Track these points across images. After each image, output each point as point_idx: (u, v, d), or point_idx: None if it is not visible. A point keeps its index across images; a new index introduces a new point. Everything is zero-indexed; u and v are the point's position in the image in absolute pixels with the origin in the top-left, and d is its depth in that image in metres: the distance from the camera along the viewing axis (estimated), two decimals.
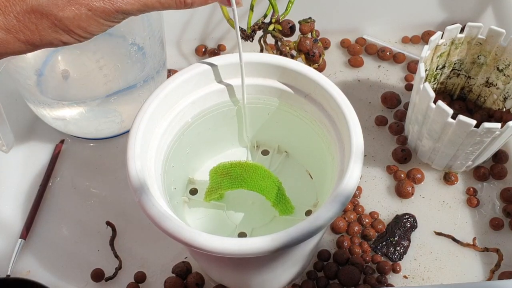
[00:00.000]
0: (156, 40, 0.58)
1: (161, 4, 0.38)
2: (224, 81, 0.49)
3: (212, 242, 0.38)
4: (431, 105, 0.53)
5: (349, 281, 0.54)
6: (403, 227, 0.57)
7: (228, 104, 0.51)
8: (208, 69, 0.47)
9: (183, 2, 0.38)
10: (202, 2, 0.39)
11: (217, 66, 0.47)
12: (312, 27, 0.59)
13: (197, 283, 0.54)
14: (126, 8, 0.36)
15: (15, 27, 0.35)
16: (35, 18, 0.35)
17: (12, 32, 0.36)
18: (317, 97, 0.47)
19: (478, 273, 0.55)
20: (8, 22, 0.35)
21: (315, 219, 0.39)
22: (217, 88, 0.49)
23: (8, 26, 0.35)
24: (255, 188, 0.49)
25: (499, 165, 0.61)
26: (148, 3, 0.37)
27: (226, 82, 0.49)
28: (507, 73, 0.58)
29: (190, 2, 0.38)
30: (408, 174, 0.60)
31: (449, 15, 0.72)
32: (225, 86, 0.49)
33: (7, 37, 0.36)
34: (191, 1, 0.38)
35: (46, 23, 0.36)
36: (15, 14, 0.35)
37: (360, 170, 0.42)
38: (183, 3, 0.38)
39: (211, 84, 0.49)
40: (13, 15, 0.35)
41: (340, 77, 0.69)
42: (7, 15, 0.35)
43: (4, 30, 0.35)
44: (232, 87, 0.49)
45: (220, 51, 0.72)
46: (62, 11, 0.35)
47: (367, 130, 0.64)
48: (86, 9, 0.36)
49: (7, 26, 0.35)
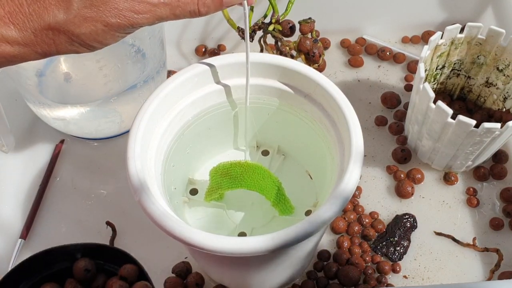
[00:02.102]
0: (156, 40, 0.58)
1: (176, 15, 0.38)
2: (224, 81, 0.49)
3: (212, 241, 0.38)
4: (431, 105, 0.53)
5: (349, 281, 0.54)
6: (403, 227, 0.57)
7: (227, 104, 0.51)
8: (208, 69, 0.47)
9: (197, 12, 0.38)
10: (216, 8, 0.39)
11: (217, 66, 0.48)
12: (312, 27, 0.59)
13: (197, 283, 0.54)
14: (142, 22, 0.37)
15: (32, 41, 0.36)
16: (53, 34, 0.36)
17: (30, 46, 0.37)
18: (317, 97, 0.47)
19: (478, 273, 0.55)
20: (26, 37, 0.36)
21: (315, 219, 0.39)
22: (217, 88, 0.49)
23: (26, 41, 0.36)
24: (255, 187, 0.49)
25: (499, 165, 0.61)
26: (163, 16, 0.37)
27: (226, 82, 0.49)
28: (507, 73, 0.58)
29: (205, 11, 0.38)
30: (408, 174, 0.60)
31: (449, 15, 0.72)
32: (225, 86, 0.49)
33: (25, 50, 0.37)
34: (205, 11, 0.38)
35: (63, 38, 0.36)
36: (32, 30, 0.36)
37: (360, 170, 0.42)
38: (197, 13, 0.38)
39: (211, 84, 0.49)
40: (31, 31, 0.36)
41: (340, 77, 0.69)
42: (25, 31, 0.36)
43: (22, 44, 0.36)
44: (232, 87, 0.49)
45: (220, 51, 0.72)
46: (79, 28, 0.36)
47: (367, 130, 0.64)
48: (102, 25, 0.36)
49: (24, 41, 0.36)
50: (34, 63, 0.56)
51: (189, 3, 0.37)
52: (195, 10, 0.38)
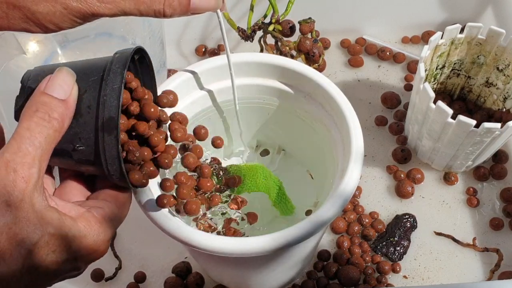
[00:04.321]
0: (156, 40, 0.58)
1: (140, 12, 0.37)
2: (223, 81, 0.49)
3: (212, 241, 0.38)
4: (431, 105, 0.53)
5: (349, 281, 0.54)
6: (403, 227, 0.57)
7: (227, 104, 0.50)
8: (208, 69, 0.47)
9: (162, 12, 0.37)
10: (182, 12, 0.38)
11: (217, 66, 0.47)
12: (312, 27, 0.59)
13: (197, 283, 0.54)
14: (103, 12, 0.36)
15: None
16: (7, 8, 0.35)
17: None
18: (317, 97, 0.47)
19: (478, 273, 0.55)
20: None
21: (315, 219, 0.39)
22: (217, 88, 0.49)
23: None
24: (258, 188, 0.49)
25: (499, 165, 0.61)
26: (127, 9, 0.36)
27: (226, 82, 0.49)
28: (507, 73, 0.58)
29: (170, 13, 0.38)
30: (408, 174, 0.60)
31: (449, 15, 0.72)
32: (225, 86, 0.49)
33: None
34: (170, 12, 0.37)
35: (17, 13, 0.35)
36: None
37: (360, 170, 0.42)
38: (162, 14, 0.37)
39: (211, 84, 0.49)
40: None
41: (340, 77, 0.69)
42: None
43: None
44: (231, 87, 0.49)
45: (220, 51, 0.72)
46: (36, 5, 0.35)
47: (367, 130, 0.64)
48: (62, 7, 0.35)
49: None
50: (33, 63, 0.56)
51: (155, 1, 0.37)
52: (160, 10, 0.37)
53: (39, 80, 0.34)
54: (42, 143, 0.31)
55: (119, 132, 0.34)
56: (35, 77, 0.36)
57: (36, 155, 0.31)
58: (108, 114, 0.34)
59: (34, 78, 0.36)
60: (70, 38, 0.58)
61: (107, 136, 0.34)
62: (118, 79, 0.34)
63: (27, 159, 0.31)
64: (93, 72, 0.35)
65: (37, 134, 0.32)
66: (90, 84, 0.34)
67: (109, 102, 0.34)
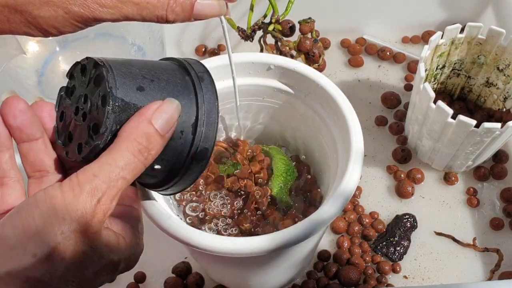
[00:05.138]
0: (156, 40, 0.58)
1: (142, 17, 0.36)
2: (223, 81, 0.49)
3: (212, 241, 0.38)
4: (431, 105, 0.53)
5: (349, 281, 0.54)
6: (403, 227, 0.57)
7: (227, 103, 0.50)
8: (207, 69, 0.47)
9: (164, 18, 0.37)
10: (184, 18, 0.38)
11: (217, 66, 0.47)
12: (312, 27, 0.59)
13: (197, 283, 0.54)
14: (105, 17, 0.36)
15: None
16: (8, 12, 0.35)
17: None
18: (317, 97, 0.47)
19: (478, 273, 0.55)
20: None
21: (315, 219, 0.39)
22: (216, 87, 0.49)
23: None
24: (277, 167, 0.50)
25: (499, 165, 0.61)
26: (129, 14, 0.36)
27: (226, 82, 0.49)
28: (507, 73, 0.58)
29: (172, 19, 0.37)
30: (408, 174, 0.60)
31: (449, 15, 0.72)
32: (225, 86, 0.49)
33: None
34: (173, 18, 0.37)
35: (19, 18, 0.35)
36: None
37: (360, 170, 0.41)
38: (164, 19, 0.37)
39: None
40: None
41: (340, 77, 0.69)
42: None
43: None
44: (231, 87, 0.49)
45: (220, 51, 0.72)
46: (38, 10, 0.35)
47: (367, 130, 0.64)
48: (63, 12, 0.35)
49: None
50: (33, 63, 0.56)
51: (158, 7, 0.36)
52: (162, 16, 0.37)
53: (127, 87, 0.31)
54: (130, 179, 0.31)
55: (208, 162, 0.34)
56: (122, 80, 0.32)
57: (121, 189, 0.30)
58: (203, 146, 0.33)
59: (121, 81, 0.31)
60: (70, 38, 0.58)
61: (195, 164, 0.34)
62: (214, 112, 0.34)
63: (113, 192, 0.30)
64: (180, 91, 0.33)
65: (130, 169, 0.30)
66: (182, 108, 0.33)
67: (206, 133, 0.33)
